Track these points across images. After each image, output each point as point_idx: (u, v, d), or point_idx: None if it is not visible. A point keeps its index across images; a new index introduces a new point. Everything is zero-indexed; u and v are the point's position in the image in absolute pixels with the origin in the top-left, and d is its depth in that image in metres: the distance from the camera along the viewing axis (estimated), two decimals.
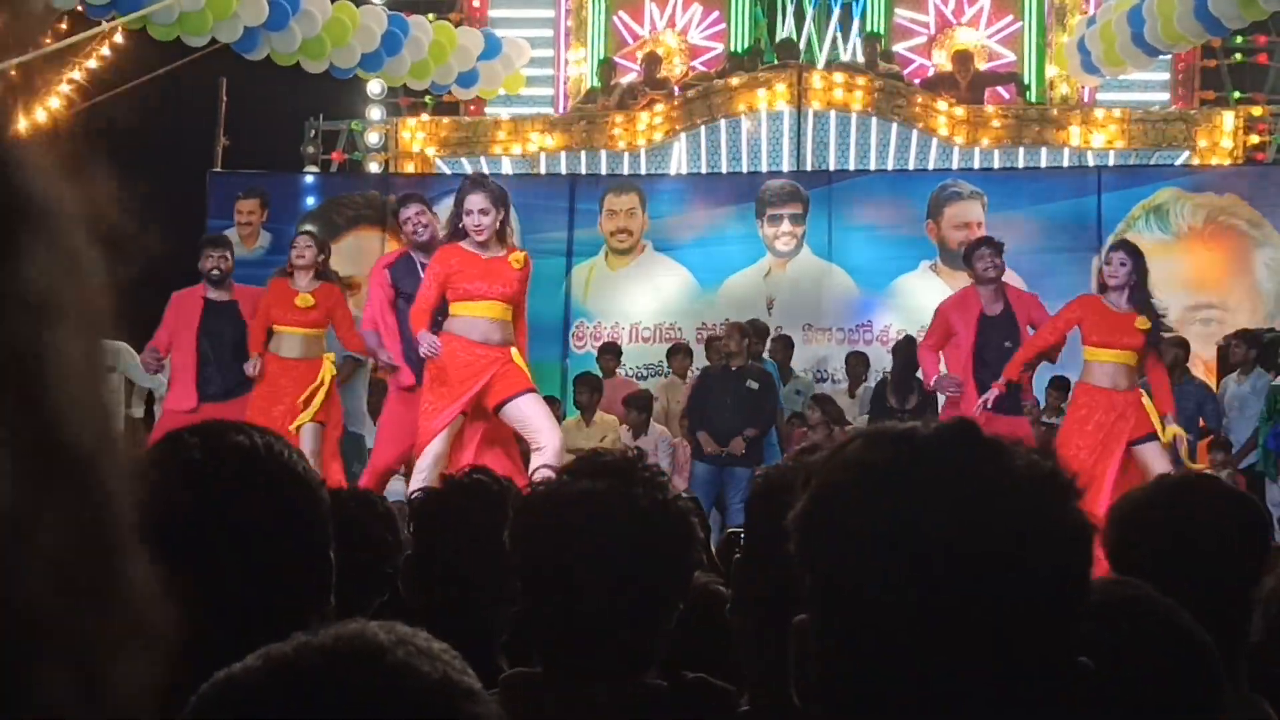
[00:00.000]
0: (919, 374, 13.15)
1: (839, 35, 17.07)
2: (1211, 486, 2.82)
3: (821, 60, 16.63)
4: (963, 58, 16.74)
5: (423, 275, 8.96)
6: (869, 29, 17.05)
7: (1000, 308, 10.26)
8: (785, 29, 17.02)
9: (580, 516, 2.23)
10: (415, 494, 3.45)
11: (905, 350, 13.28)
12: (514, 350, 8.59)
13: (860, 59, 16.63)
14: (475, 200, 8.54)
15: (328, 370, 10.13)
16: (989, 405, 9.72)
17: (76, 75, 15.38)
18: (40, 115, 15.24)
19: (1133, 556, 2.49)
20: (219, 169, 16.09)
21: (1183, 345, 12.95)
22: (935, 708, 1.24)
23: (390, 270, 9.63)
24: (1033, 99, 17.11)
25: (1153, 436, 9.42)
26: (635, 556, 2.22)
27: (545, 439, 8.38)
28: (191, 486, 1.80)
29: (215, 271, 10.43)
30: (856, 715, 1.27)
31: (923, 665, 1.23)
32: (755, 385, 12.14)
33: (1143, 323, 9.40)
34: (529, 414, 8.51)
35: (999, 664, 1.24)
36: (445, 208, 15.17)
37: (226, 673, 1.13)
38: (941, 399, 11.22)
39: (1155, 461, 9.25)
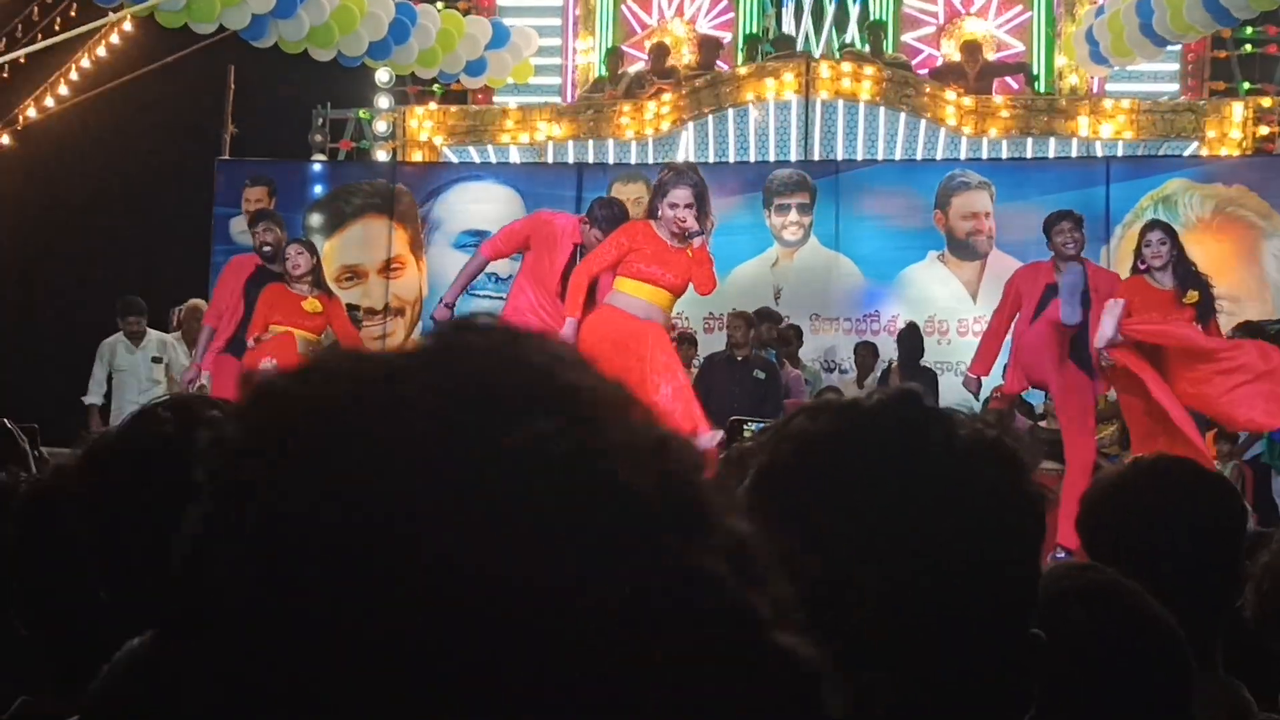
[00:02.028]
0: (924, 361, 13.19)
1: (841, 25, 16.98)
2: (1184, 468, 2.81)
3: (819, 49, 16.55)
4: (971, 48, 16.70)
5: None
6: (875, 18, 16.99)
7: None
8: (792, 17, 16.96)
9: None
10: None
11: (909, 338, 13.28)
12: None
13: (866, 47, 16.57)
14: (681, 195, 8.54)
15: None
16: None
17: (86, 63, 15.39)
18: (49, 103, 15.27)
19: (1106, 539, 2.49)
20: (226, 157, 16.10)
21: None
22: (890, 683, 1.23)
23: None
24: (1041, 89, 17.07)
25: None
26: None
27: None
28: (164, 461, 1.79)
29: (266, 248, 10.74)
30: None
31: (874, 641, 1.22)
32: (762, 375, 12.12)
33: (1191, 296, 9.44)
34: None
35: (951, 637, 1.22)
36: (452, 195, 15.32)
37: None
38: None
39: None
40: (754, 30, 17.25)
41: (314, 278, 10.36)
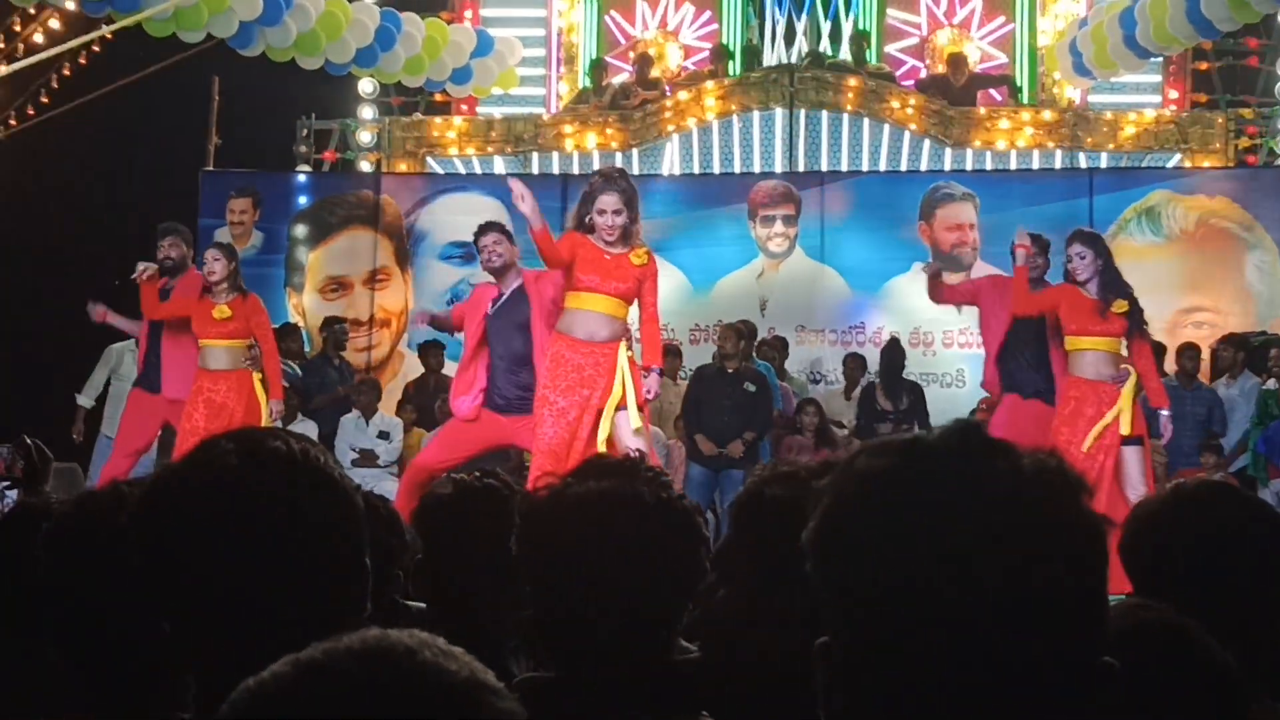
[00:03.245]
0: (907, 374, 13.22)
1: (824, 36, 16.99)
2: (1230, 495, 2.79)
3: (800, 60, 16.56)
4: (957, 61, 16.74)
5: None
6: (859, 29, 17.00)
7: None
8: (774, 29, 16.97)
9: (587, 518, 2.23)
10: (426, 497, 3.44)
11: (889, 353, 13.30)
12: (623, 346, 8.52)
13: (849, 59, 16.59)
14: (609, 200, 8.50)
15: (258, 384, 10.28)
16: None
17: (68, 73, 15.35)
18: (31, 113, 15.22)
19: (1154, 570, 2.47)
20: (211, 168, 16.06)
21: (1158, 350, 13.00)
22: (967, 717, 1.24)
23: None
24: (1024, 101, 17.12)
25: (1139, 440, 9.37)
26: (644, 556, 2.22)
27: None
28: (229, 494, 1.80)
29: (168, 261, 10.75)
30: None
31: (950, 675, 1.23)
32: (753, 388, 12.13)
33: (1120, 305, 9.34)
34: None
35: (1026, 668, 1.23)
36: (438, 206, 15.30)
37: (255, 679, 1.15)
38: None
39: (1133, 467, 9.22)
40: (732, 42, 17.26)
41: (230, 284, 10.32)
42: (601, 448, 8.05)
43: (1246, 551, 2.57)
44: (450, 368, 13.98)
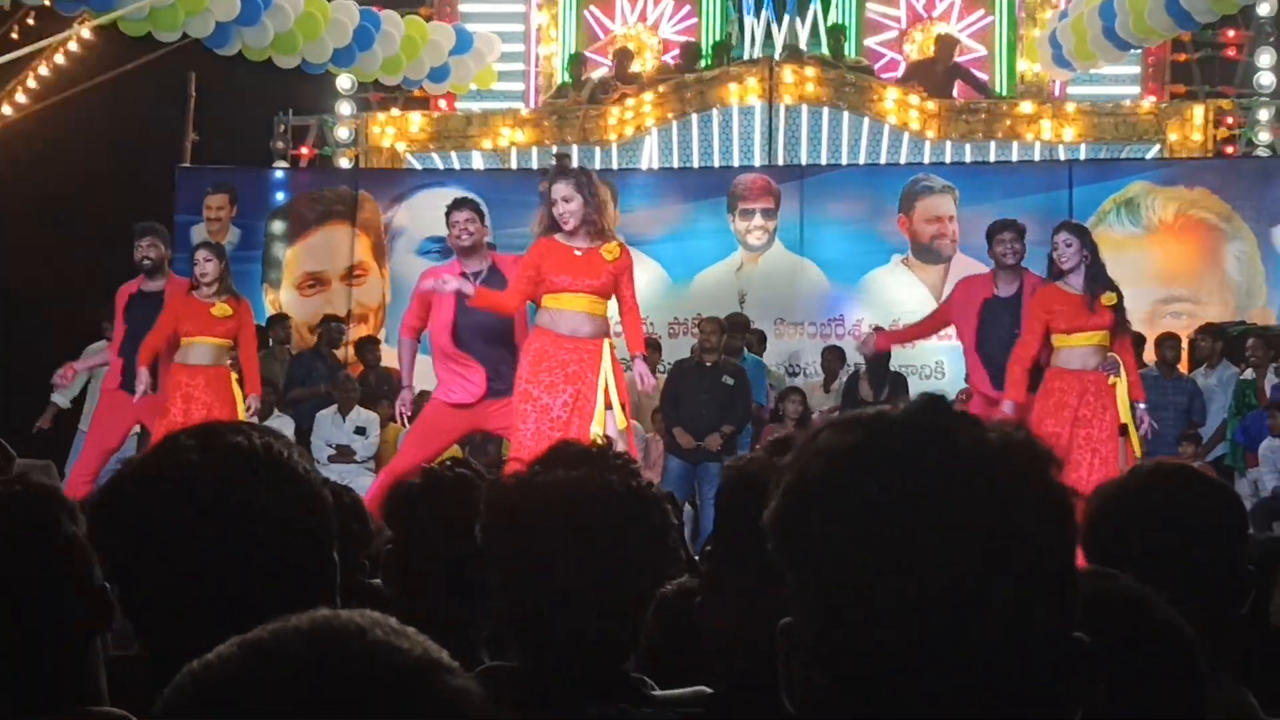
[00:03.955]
0: (891, 365, 13.20)
1: (801, 27, 16.96)
2: (1188, 475, 2.81)
3: (779, 53, 16.55)
4: (946, 43, 16.74)
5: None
6: (837, 22, 16.98)
7: (1014, 290, 9.97)
8: (754, 23, 16.95)
9: (556, 506, 2.21)
10: (396, 487, 3.41)
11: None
12: (607, 343, 8.45)
13: (828, 52, 16.58)
14: (560, 189, 8.43)
15: (235, 383, 10.26)
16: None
17: (45, 70, 15.28)
18: (7, 111, 15.16)
19: (1113, 550, 2.47)
20: (188, 164, 16.02)
21: (1138, 341, 13.01)
22: (937, 698, 1.21)
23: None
24: (1004, 93, 17.13)
25: (1124, 429, 9.33)
26: (612, 544, 2.20)
27: None
28: (189, 490, 1.77)
29: (146, 261, 10.66)
30: (855, 715, 1.24)
31: (918, 655, 1.20)
32: (731, 381, 12.11)
33: (1109, 298, 9.27)
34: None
35: (997, 644, 1.20)
36: (416, 202, 15.26)
37: (200, 660, 1.11)
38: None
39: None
40: (717, 37, 17.25)
41: (221, 284, 10.28)
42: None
43: (1202, 532, 2.57)
44: (391, 358, 14.02)
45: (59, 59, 15.19)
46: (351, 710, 1.06)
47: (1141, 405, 9.41)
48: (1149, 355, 12.88)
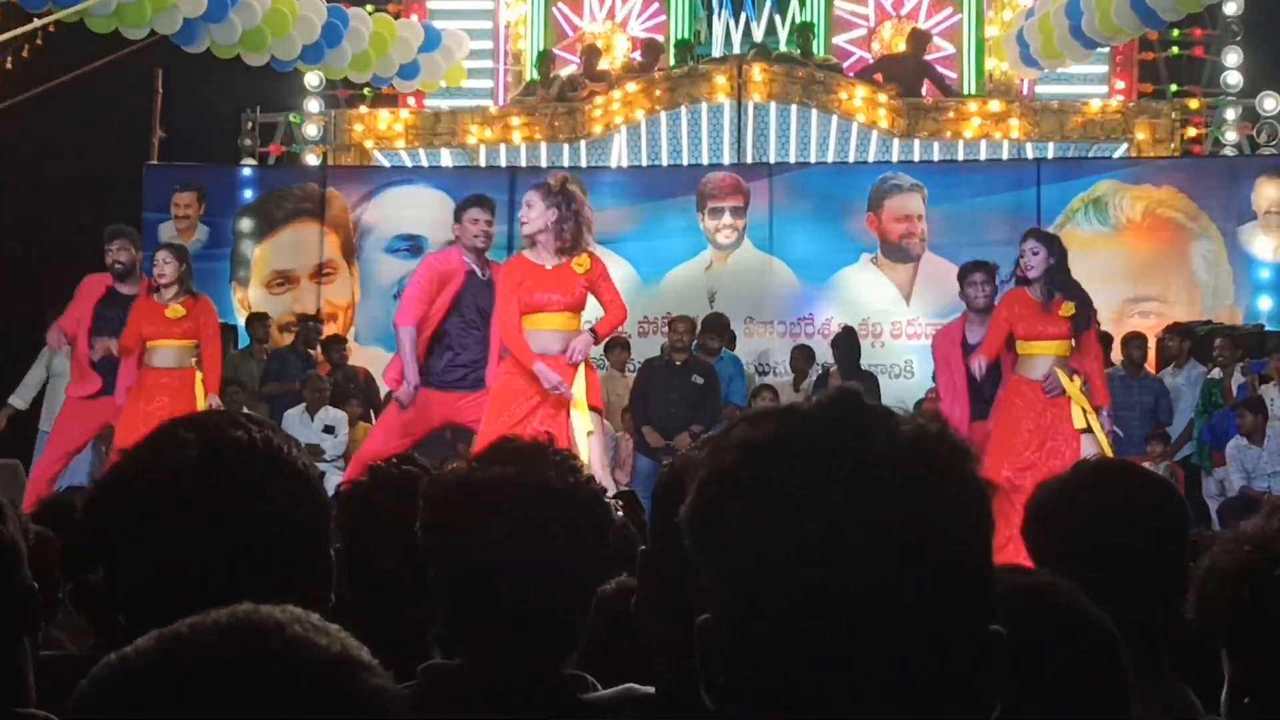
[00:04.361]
0: (861, 363, 13.20)
1: (771, 28, 16.97)
2: (1127, 471, 2.82)
3: (740, 47, 16.56)
4: (919, 37, 16.76)
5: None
6: (805, 20, 16.98)
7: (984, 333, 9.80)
8: (721, 22, 16.95)
9: (493, 502, 2.20)
10: (343, 485, 3.40)
11: (846, 342, 13.30)
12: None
13: (796, 50, 16.58)
14: (528, 197, 8.56)
15: (200, 384, 10.22)
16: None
17: (9, 67, 15.19)
18: None
19: (1055, 545, 2.48)
20: (155, 162, 15.96)
21: (1103, 341, 13.02)
22: (857, 690, 1.20)
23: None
24: (972, 91, 17.15)
25: (1089, 429, 9.31)
26: (550, 540, 2.19)
27: None
28: (190, 482, 1.77)
29: (117, 265, 10.64)
30: (772, 711, 1.23)
31: (834, 648, 1.19)
32: (701, 380, 12.12)
33: (1067, 309, 9.26)
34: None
35: (912, 637, 1.20)
36: (384, 200, 15.22)
37: (118, 654, 1.12)
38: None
39: (1090, 452, 9.20)
40: (685, 35, 17.23)
41: (180, 285, 10.24)
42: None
43: (1143, 528, 2.58)
44: (361, 356, 13.99)
45: (25, 55, 15.09)
46: (265, 705, 1.06)
47: (1105, 411, 9.39)
48: (1115, 355, 12.92)
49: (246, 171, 16.19)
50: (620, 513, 3.51)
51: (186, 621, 1.12)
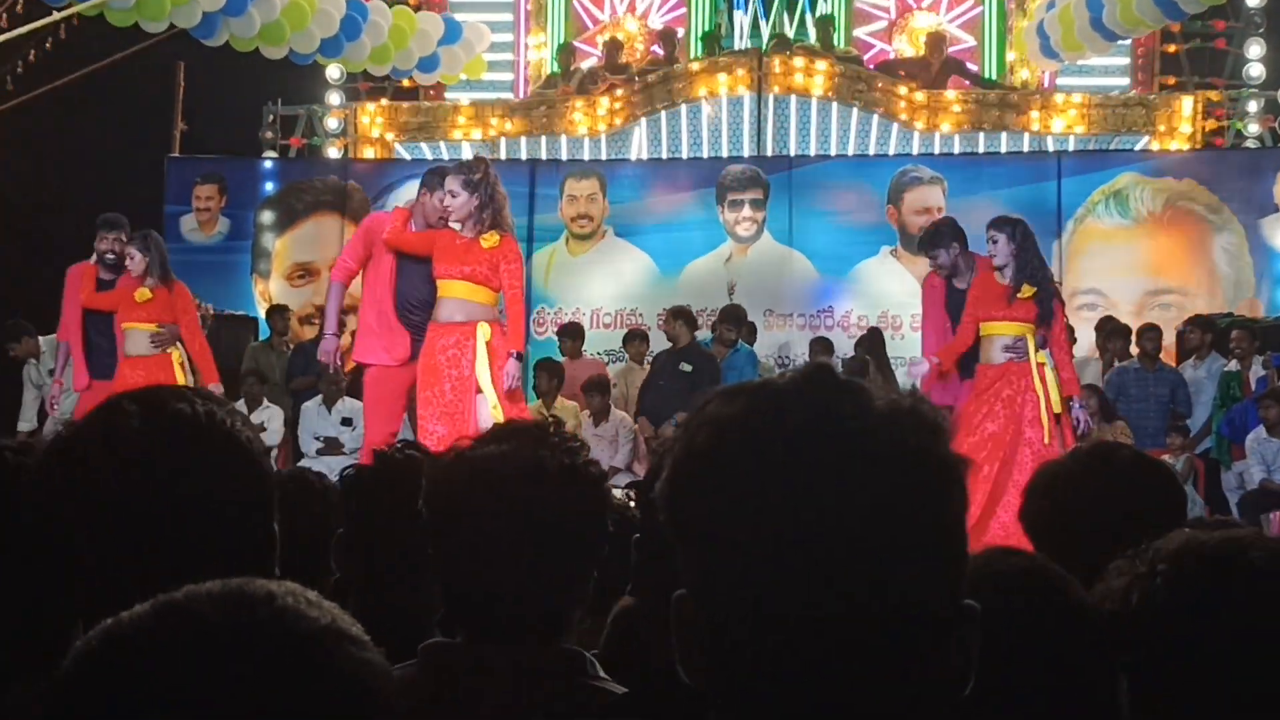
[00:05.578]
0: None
1: (792, 20, 16.96)
2: (1123, 455, 2.81)
3: (767, 43, 16.55)
4: (936, 40, 16.72)
5: None
6: (825, 13, 16.97)
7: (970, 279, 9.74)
8: (743, 13, 16.95)
9: (487, 479, 2.21)
10: (348, 469, 3.42)
11: (870, 343, 13.29)
12: (480, 326, 8.49)
13: (817, 43, 16.57)
14: (450, 183, 8.59)
15: (179, 368, 10.22)
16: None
17: (32, 59, 15.25)
18: None
19: (1047, 526, 2.48)
20: (177, 154, 16.00)
21: (1123, 333, 12.97)
22: (832, 665, 1.21)
23: None
24: (993, 83, 17.10)
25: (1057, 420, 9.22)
26: (544, 519, 2.20)
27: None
28: (130, 455, 1.77)
29: (109, 255, 10.58)
30: (748, 689, 1.24)
31: (806, 623, 1.20)
32: (688, 368, 12.13)
33: (1026, 290, 9.20)
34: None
35: (884, 611, 1.20)
36: (404, 192, 15.23)
37: (114, 619, 1.15)
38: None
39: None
40: (707, 27, 17.24)
41: (159, 273, 10.16)
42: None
43: (1139, 510, 2.57)
44: (309, 332, 13.98)
45: (48, 47, 15.16)
46: (253, 672, 1.10)
47: (1076, 401, 9.27)
48: (1131, 348, 12.89)
49: (268, 164, 16.23)
50: (633, 503, 3.52)
51: (184, 589, 1.16)
